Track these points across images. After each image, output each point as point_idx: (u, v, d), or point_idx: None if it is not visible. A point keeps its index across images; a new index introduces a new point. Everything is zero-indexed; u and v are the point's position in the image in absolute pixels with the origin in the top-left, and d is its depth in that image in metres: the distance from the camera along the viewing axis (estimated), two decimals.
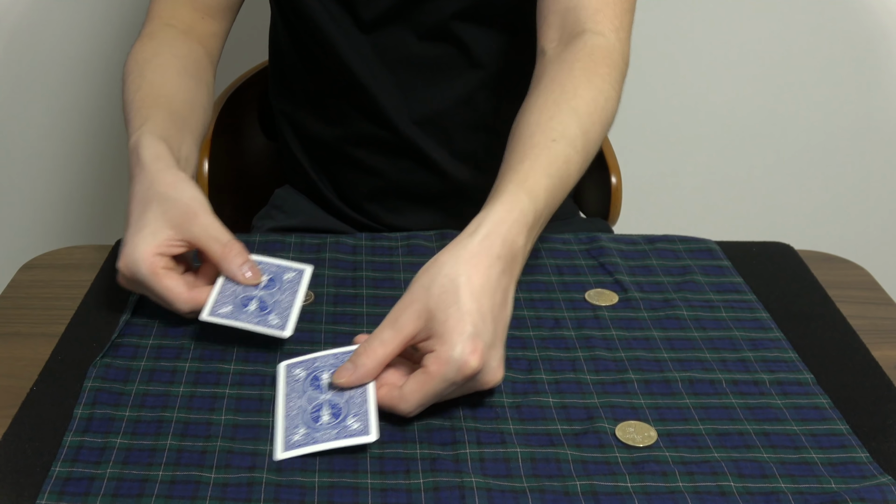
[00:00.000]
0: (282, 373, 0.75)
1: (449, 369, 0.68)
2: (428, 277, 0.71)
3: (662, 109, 1.73)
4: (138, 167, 0.81)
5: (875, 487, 0.66)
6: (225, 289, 0.79)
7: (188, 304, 0.78)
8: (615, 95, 0.89)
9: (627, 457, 0.68)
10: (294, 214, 1.13)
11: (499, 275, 0.72)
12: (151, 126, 0.85)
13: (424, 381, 0.68)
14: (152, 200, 0.79)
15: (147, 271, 0.77)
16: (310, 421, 0.69)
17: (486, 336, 0.69)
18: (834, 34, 1.69)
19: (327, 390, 0.71)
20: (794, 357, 0.80)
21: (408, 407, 0.69)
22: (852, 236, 1.85)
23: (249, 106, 1.29)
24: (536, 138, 0.81)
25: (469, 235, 0.73)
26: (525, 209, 0.75)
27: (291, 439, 0.68)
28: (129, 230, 0.79)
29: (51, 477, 0.65)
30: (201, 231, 0.78)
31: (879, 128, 1.77)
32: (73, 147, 1.74)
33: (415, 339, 0.70)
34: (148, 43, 0.97)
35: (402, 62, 1.04)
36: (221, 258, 0.79)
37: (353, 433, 0.67)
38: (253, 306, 0.77)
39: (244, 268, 0.79)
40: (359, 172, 1.10)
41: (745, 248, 0.97)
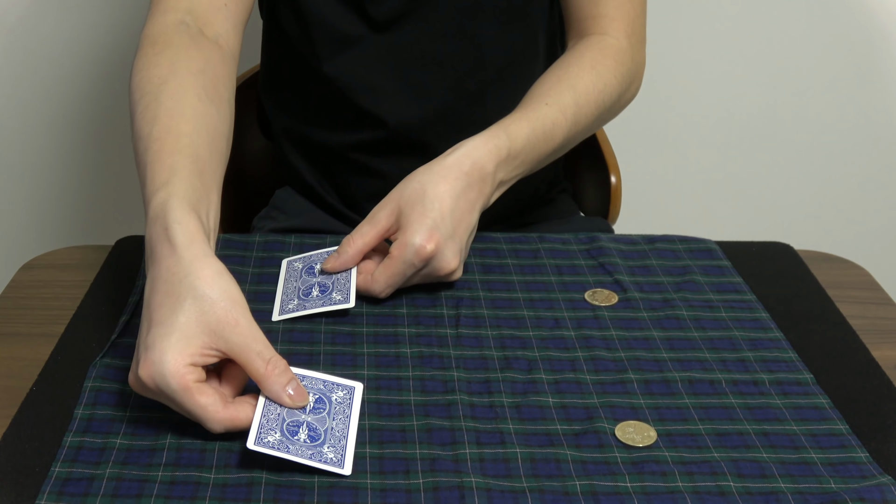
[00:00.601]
0: (284, 267, 0.89)
1: (408, 252, 0.82)
2: (403, 184, 0.85)
3: (662, 109, 1.73)
4: (167, 246, 0.69)
5: (875, 487, 0.66)
6: (268, 411, 0.68)
7: (223, 424, 0.67)
8: (617, 86, 0.99)
9: (627, 457, 0.68)
10: (294, 215, 1.13)
11: (464, 187, 0.85)
12: (179, 187, 0.73)
13: (389, 264, 0.83)
14: (186, 297, 0.67)
15: (178, 387, 0.65)
16: (302, 296, 0.84)
17: (443, 230, 0.82)
18: (834, 34, 1.69)
19: (318, 275, 0.86)
20: (793, 357, 0.80)
21: (378, 287, 0.83)
22: (852, 236, 1.85)
23: (249, 106, 1.29)
24: (531, 101, 0.94)
25: (444, 156, 0.87)
26: (500, 144, 0.88)
27: (287, 307, 0.83)
28: (155, 330, 0.67)
29: (51, 477, 0.65)
30: (242, 343, 0.67)
31: (879, 128, 1.77)
32: (73, 147, 1.74)
33: (388, 231, 0.84)
34: (162, 53, 0.85)
35: (415, 61, 1.04)
36: (265, 378, 0.68)
37: (335, 302, 0.82)
38: (303, 435, 0.68)
39: (289, 388, 0.69)
40: (362, 175, 1.10)
41: (745, 248, 0.97)
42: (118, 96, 1.69)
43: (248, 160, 1.31)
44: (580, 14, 1.04)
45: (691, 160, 1.79)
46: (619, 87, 1.00)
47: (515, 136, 0.89)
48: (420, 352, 0.79)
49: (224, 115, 0.85)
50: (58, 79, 1.68)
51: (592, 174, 1.27)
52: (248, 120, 1.30)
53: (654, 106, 1.71)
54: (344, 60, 1.03)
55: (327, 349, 0.79)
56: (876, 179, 1.81)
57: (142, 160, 0.77)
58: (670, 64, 1.69)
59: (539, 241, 0.97)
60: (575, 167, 1.29)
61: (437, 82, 1.05)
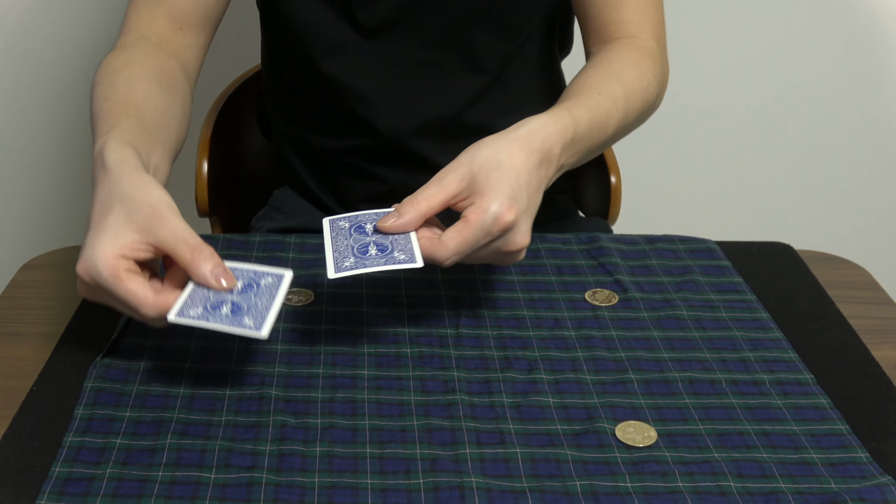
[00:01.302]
0: (326, 226, 0.79)
1: (487, 218, 0.74)
2: (474, 149, 0.78)
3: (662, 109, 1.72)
4: (102, 171, 0.75)
5: (875, 487, 0.66)
6: (195, 293, 0.72)
7: (154, 308, 0.70)
8: (656, 85, 0.97)
9: (627, 457, 0.68)
10: (293, 216, 1.13)
11: (537, 163, 0.79)
12: (118, 132, 0.79)
13: (463, 228, 0.75)
14: (115, 203, 0.72)
15: (108, 274, 0.69)
16: (358, 253, 0.75)
17: (521, 200, 0.76)
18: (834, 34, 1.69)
19: (372, 234, 0.77)
20: (794, 357, 0.80)
21: (445, 252, 0.75)
22: (852, 236, 1.85)
23: (248, 106, 1.29)
24: (583, 90, 0.89)
25: (514, 128, 0.81)
26: (566, 125, 0.82)
27: (342, 264, 0.74)
28: (89, 233, 0.72)
29: (51, 477, 0.65)
30: (168, 234, 0.71)
31: (879, 128, 1.77)
32: (73, 147, 1.74)
33: (457, 197, 0.77)
34: (120, 54, 0.92)
35: (406, 68, 1.03)
36: (191, 262, 0.72)
37: (400, 261, 0.73)
38: (225, 309, 0.71)
39: (216, 272, 0.72)
40: (359, 179, 1.10)
41: (745, 248, 0.97)
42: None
43: (247, 160, 1.31)
44: (603, 21, 1.01)
45: (691, 160, 1.79)
46: (657, 88, 0.98)
47: (578, 120, 0.84)
48: (420, 352, 0.79)
49: (175, 102, 0.90)
50: (58, 79, 1.68)
51: (592, 174, 1.27)
52: (247, 120, 1.30)
53: None
54: (335, 67, 1.03)
55: (328, 349, 0.79)
56: (876, 179, 1.81)
57: (93, 127, 0.83)
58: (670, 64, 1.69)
59: (539, 241, 0.97)
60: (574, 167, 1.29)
61: (427, 89, 1.04)
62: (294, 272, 0.86)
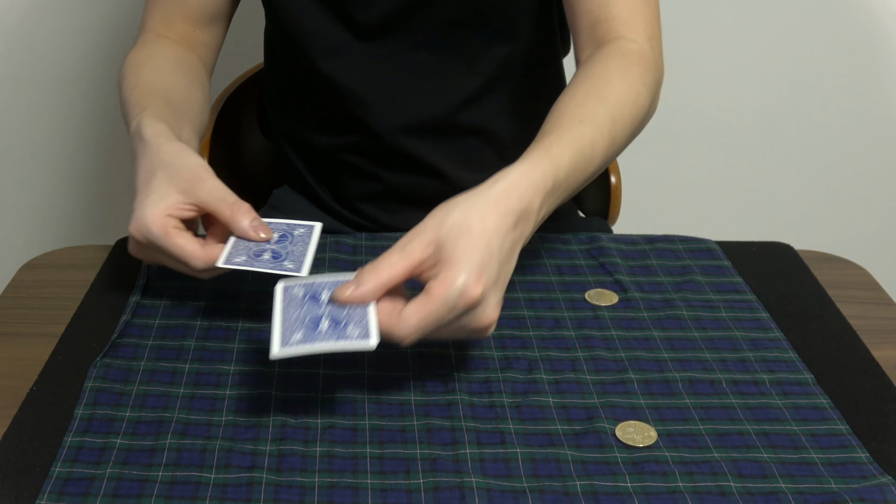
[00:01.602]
0: (279, 292, 0.72)
1: (452, 292, 0.68)
2: (443, 211, 0.72)
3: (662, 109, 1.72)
4: (141, 144, 0.83)
5: (875, 487, 0.66)
6: (237, 244, 0.79)
7: (202, 260, 0.78)
8: (647, 94, 0.90)
9: (627, 457, 0.68)
10: (292, 215, 1.13)
11: (511, 226, 0.73)
12: (151, 111, 0.87)
13: (425, 303, 0.68)
14: (157, 169, 0.80)
15: (159, 232, 0.77)
16: (309, 327, 0.68)
17: (490, 271, 0.70)
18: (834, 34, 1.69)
19: (327, 305, 0.70)
20: (793, 357, 0.80)
21: (406, 329, 0.68)
22: (852, 236, 1.85)
23: (248, 106, 1.29)
24: (564, 119, 0.83)
25: (488, 186, 0.74)
26: (545, 173, 0.76)
27: (289, 339, 0.67)
28: (137, 198, 0.80)
29: (51, 477, 0.65)
30: (208, 194, 0.79)
31: (879, 127, 1.77)
32: (74, 147, 1.74)
33: (421, 265, 0.70)
34: (142, 49, 1.00)
35: (401, 70, 1.03)
36: (231, 218, 0.79)
37: (353, 338, 0.67)
38: (266, 256, 0.78)
39: (254, 224, 0.79)
40: (355, 177, 1.10)
41: (745, 248, 0.97)
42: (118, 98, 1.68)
43: (247, 160, 1.31)
44: (591, 18, 0.95)
45: (691, 160, 1.79)
46: (650, 96, 0.91)
47: (559, 163, 0.78)
48: (420, 352, 0.79)
49: (198, 89, 0.98)
50: (58, 79, 1.68)
51: None
52: (248, 120, 1.30)
53: None
54: (332, 67, 1.03)
55: None
56: (876, 179, 1.81)
57: (125, 114, 0.91)
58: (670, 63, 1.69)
59: (539, 241, 0.97)
60: None
61: (422, 90, 1.04)
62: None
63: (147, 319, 0.82)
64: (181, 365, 0.77)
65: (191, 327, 0.81)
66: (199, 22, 1.04)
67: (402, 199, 1.10)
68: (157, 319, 0.82)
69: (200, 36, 1.05)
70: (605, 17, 0.94)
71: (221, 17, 1.06)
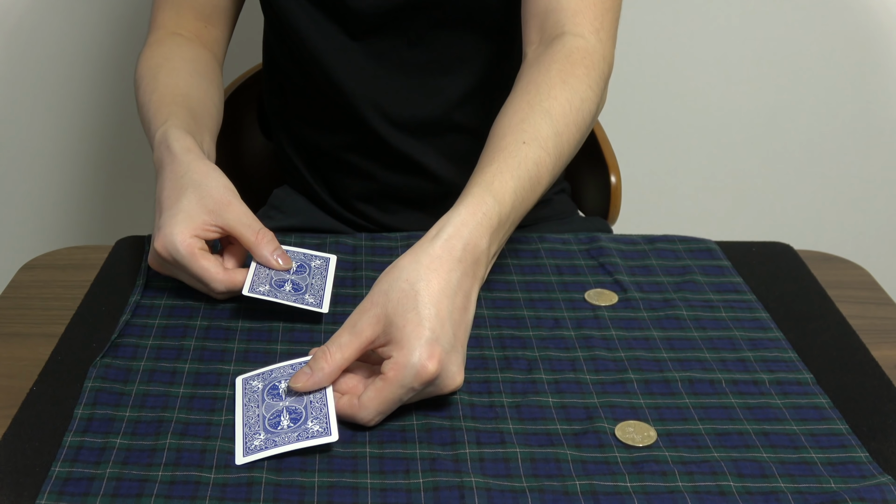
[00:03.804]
0: (239, 386, 0.74)
1: (406, 374, 0.68)
2: (387, 282, 0.71)
3: (662, 109, 1.73)
4: (169, 156, 0.85)
5: (875, 487, 0.66)
6: (259, 272, 0.83)
7: (224, 283, 0.82)
8: (593, 96, 0.88)
9: (627, 457, 0.68)
10: (292, 214, 1.13)
11: (459, 278, 0.72)
12: (176, 121, 0.89)
13: (382, 388, 0.68)
14: (187, 187, 0.83)
15: (185, 252, 0.80)
16: (269, 427, 0.69)
17: (444, 341, 0.69)
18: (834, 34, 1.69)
19: (286, 398, 0.71)
20: (793, 357, 0.80)
21: (367, 415, 0.69)
22: (852, 236, 1.85)
23: (249, 106, 1.29)
24: (507, 140, 0.81)
25: (430, 239, 0.73)
26: (489, 212, 0.75)
27: (251, 444, 0.68)
28: (165, 214, 0.82)
29: (51, 477, 0.65)
30: (235, 218, 0.82)
31: (879, 127, 1.77)
32: (73, 147, 1.74)
33: (373, 343, 0.71)
34: (157, 49, 1.01)
35: (394, 68, 1.03)
36: (255, 245, 0.83)
37: (313, 434, 0.67)
38: (288, 287, 0.82)
39: (276, 254, 0.84)
40: (352, 176, 1.10)
41: (745, 248, 0.97)
42: (118, 97, 1.69)
43: (247, 160, 1.31)
44: (539, 9, 0.93)
45: (691, 160, 1.79)
46: (596, 97, 0.89)
47: (502, 197, 0.77)
48: None
49: (214, 90, 1.00)
50: (58, 79, 1.68)
51: (592, 174, 1.27)
52: (248, 120, 1.30)
53: (654, 105, 1.72)
54: (326, 65, 1.03)
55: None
56: (876, 179, 1.81)
57: (145, 119, 0.93)
58: (670, 63, 1.69)
59: (539, 241, 0.97)
60: (575, 167, 1.29)
61: (415, 89, 1.04)
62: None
63: (147, 319, 0.82)
64: (181, 365, 0.77)
65: (191, 327, 0.81)
66: (210, 17, 1.06)
67: (398, 199, 1.10)
68: (157, 319, 0.82)
69: (212, 31, 1.06)
70: (554, 8, 0.92)
71: (231, 13, 1.08)
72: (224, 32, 1.08)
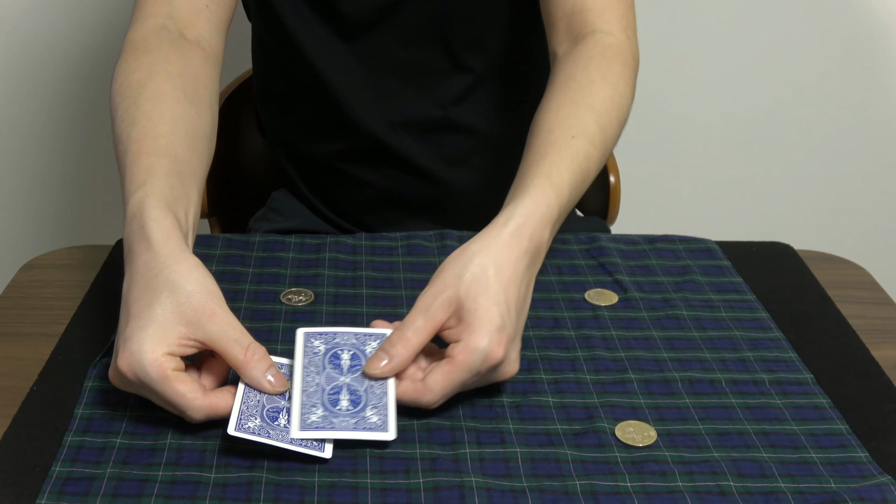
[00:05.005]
0: (300, 340, 0.72)
1: (476, 359, 0.68)
2: (459, 265, 0.71)
3: (662, 109, 1.73)
4: (143, 244, 0.70)
5: (875, 487, 0.66)
6: (248, 398, 0.69)
7: (202, 411, 0.67)
8: (629, 92, 0.90)
9: (627, 456, 0.68)
10: (291, 217, 1.13)
11: (525, 268, 0.74)
12: (155, 187, 0.74)
13: (450, 371, 0.68)
14: (162, 291, 0.68)
15: (156, 375, 0.66)
16: (328, 403, 0.67)
17: (509, 328, 0.70)
18: (834, 34, 1.69)
19: (346, 372, 0.70)
20: (793, 357, 0.80)
21: (432, 397, 0.69)
22: (852, 236, 1.85)
23: (248, 106, 1.29)
24: (556, 134, 0.82)
25: (500, 226, 0.74)
26: (551, 203, 0.77)
27: (308, 419, 0.66)
28: (133, 323, 0.67)
29: (51, 477, 0.65)
30: (220, 332, 0.68)
31: (879, 128, 1.77)
32: (73, 147, 1.74)
33: (444, 326, 0.71)
34: (142, 58, 0.86)
35: (388, 68, 1.03)
36: (244, 365, 0.69)
37: (371, 427, 0.67)
38: (283, 420, 0.68)
39: (268, 374, 0.69)
40: (349, 185, 1.09)
41: (745, 248, 0.97)
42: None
43: (246, 161, 1.31)
44: (565, 10, 0.94)
45: (691, 160, 1.79)
46: (632, 93, 0.91)
47: (561, 189, 0.78)
48: None
49: (204, 116, 0.84)
50: (58, 79, 1.68)
51: None
52: (247, 120, 1.30)
53: (654, 106, 1.72)
54: (319, 68, 1.02)
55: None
56: (876, 179, 1.81)
57: (121, 162, 0.78)
58: (670, 63, 1.69)
59: None
60: None
61: (411, 89, 1.03)
62: (293, 272, 0.87)
63: None
64: None
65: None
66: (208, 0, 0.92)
67: (395, 205, 1.09)
68: None
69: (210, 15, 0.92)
70: (580, 8, 0.93)
71: None
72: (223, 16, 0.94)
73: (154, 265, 0.69)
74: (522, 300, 0.73)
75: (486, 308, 0.69)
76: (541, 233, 0.75)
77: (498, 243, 0.73)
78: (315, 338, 0.73)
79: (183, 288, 0.68)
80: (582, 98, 0.86)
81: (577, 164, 0.81)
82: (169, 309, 0.67)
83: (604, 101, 0.86)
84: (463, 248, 0.73)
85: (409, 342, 0.70)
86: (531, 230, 0.75)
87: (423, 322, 0.70)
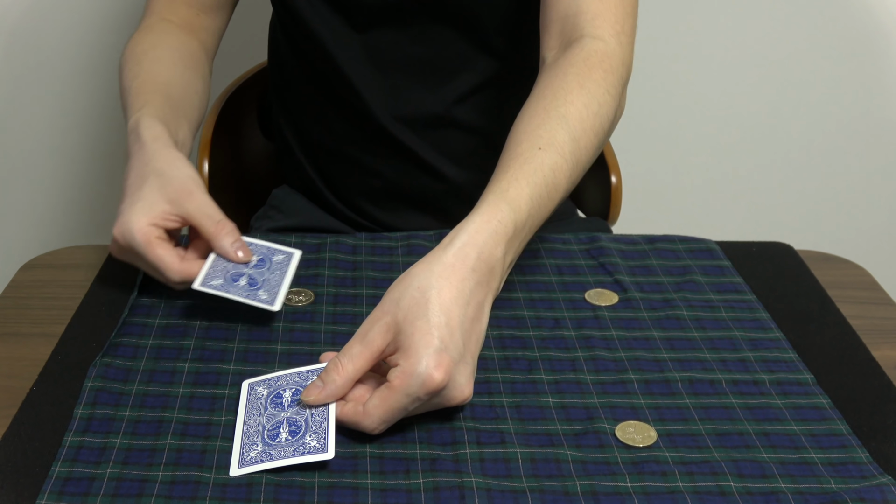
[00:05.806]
0: (244, 392, 0.73)
1: (412, 383, 0.67)
2: (399, 290, 0.70)
3: (662, 109, 1.73)
4: (137, 144, 0.85)
5: (875, 487, 0.66)
6: (216, 264, 0.82)
7: (179, 273, 0.80)
8: (611, 101, 0.87)
9: (627, 457, 0.68)
10: (291, 215, 1.13)
11: (472, 288, 0.71)
12: (150, 109, 0.88)
13: (387, 396, 0.67)
14: (150, 175, 0.82)
15: (141, 240, 0.79)
16: (267, 438, 0.68)
17: (453, 351, 0.68)
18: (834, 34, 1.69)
19: (287, 408, 0.70)
20: (794, 357, 0.80)
21: (371, 422, 0.68)
22: (852, 236, 1.85)
23: (249, 106, 1.29)
24: (523, 146, 0.80)
25: (444, 247, 0.72)
26: (504, 219, 0.74)
27: (247, 455, 0.67)
28: (126, 201, 0.82)
29: (51, 477, 0.65)
30: (196, 208, 0.81)
31: (879, 127, 1.77)
32: (74, 147, 1.74)
33: (383, 353, 0.69)
34: (146, 35, 1.01)
35: (396, 63, 1.03)
36: (214, 235, 0.82)
37: (310, 450, 0.66)
38: (243, 282, 0.81)
39: (235, 245, 0.82)
40: (355, 173, 1.10)
41: (745, 248, 0.97)
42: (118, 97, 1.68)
43: (246, 160, 1.31)
44: (559, 13, 0.92)
45: (691, 160, 1.79)
46: (614, 102, 0.87)
47: (518, 204, 0.75)
48: None
49: (198, 80, 0.99)
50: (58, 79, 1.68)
51: (592, 174, 1.27)
52: (248, 120, 1.30)
53: (655, 106, 1.72)
54: (332, 59, 1.03)
55: (328, 349, 0.79)
56: (876, 179, 1.81)
57: (125, 102, 0.93)
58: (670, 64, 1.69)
59: (539, 241, 0.97)
60: None
61: (417, 86, 1.04)
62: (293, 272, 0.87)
63: (146, 319, 0.82)
64: (181, 364, 0.77)
65: (191, 327, 0.81)
66: (204, 6, 1.06)
67: (400, 197, 1.10)
68: (157, 319, 0.82)
69: (204, 20, 1.06)
70: (574, 12, 0.91)
71: (225, 4, 1.08)
72: (217, 22, 1.08)
73: (144, 157, 0.83)
74: (471, 321, 0.70)
75: (423, 332, 0.67)
76: (490, 249, 0.72)
77: (440, 265, 0.71)
78: (258, 385, 0.73)
79: (167, 173, 0.82)
80: (555, 108, 0.83)
81: (540, 176, 0.78)
82: (155, 189, 0.81)
83: (578, 110, 0.83)
84: (406, 273, 0.72)
85: (345, 369, 0.69)
86: (478, 249, 0.72)
87: (359, 349, 0.69)
